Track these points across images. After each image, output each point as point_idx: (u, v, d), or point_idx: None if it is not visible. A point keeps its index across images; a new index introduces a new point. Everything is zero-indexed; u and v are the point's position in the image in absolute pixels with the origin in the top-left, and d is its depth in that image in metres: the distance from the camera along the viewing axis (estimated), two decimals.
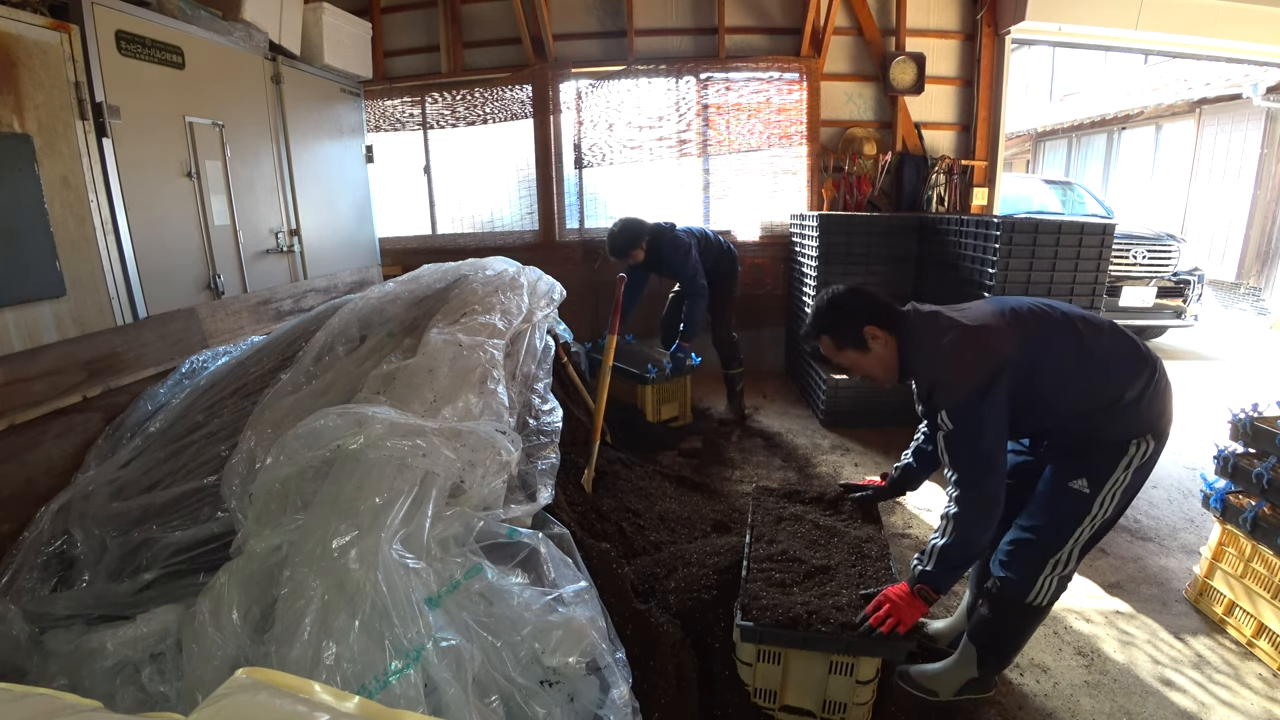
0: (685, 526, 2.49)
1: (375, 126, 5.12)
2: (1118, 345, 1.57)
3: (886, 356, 1.67)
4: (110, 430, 2.07)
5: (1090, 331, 1.57)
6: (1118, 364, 1.54)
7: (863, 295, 1.72)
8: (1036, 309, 1.61)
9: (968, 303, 1.71)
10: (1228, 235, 7.83)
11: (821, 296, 1.76)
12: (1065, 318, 1.59)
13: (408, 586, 1.22)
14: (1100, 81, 10.43)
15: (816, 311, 1.75)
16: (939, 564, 1.57)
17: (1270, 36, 4.54)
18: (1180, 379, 4.87)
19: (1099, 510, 1.55)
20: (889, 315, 1.66)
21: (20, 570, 1.66)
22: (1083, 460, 1.57)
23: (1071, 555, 1.58)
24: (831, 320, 1.72)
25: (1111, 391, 1.53)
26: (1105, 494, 1.55)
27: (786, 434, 3.72)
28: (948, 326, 1.59)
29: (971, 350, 1.54)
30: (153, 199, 2.68)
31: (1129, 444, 1.54)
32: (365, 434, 1.41)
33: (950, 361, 1.55)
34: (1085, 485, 1.55)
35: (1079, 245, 3.08)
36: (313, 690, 0.58)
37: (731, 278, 3.83)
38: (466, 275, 2.29)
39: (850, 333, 1.68)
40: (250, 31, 3.17)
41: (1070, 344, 1.55)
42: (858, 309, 1.68)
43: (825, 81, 4.82)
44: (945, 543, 1.57)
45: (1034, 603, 1.61)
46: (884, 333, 1.65)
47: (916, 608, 1.54)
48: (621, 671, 1.36)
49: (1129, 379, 1.53)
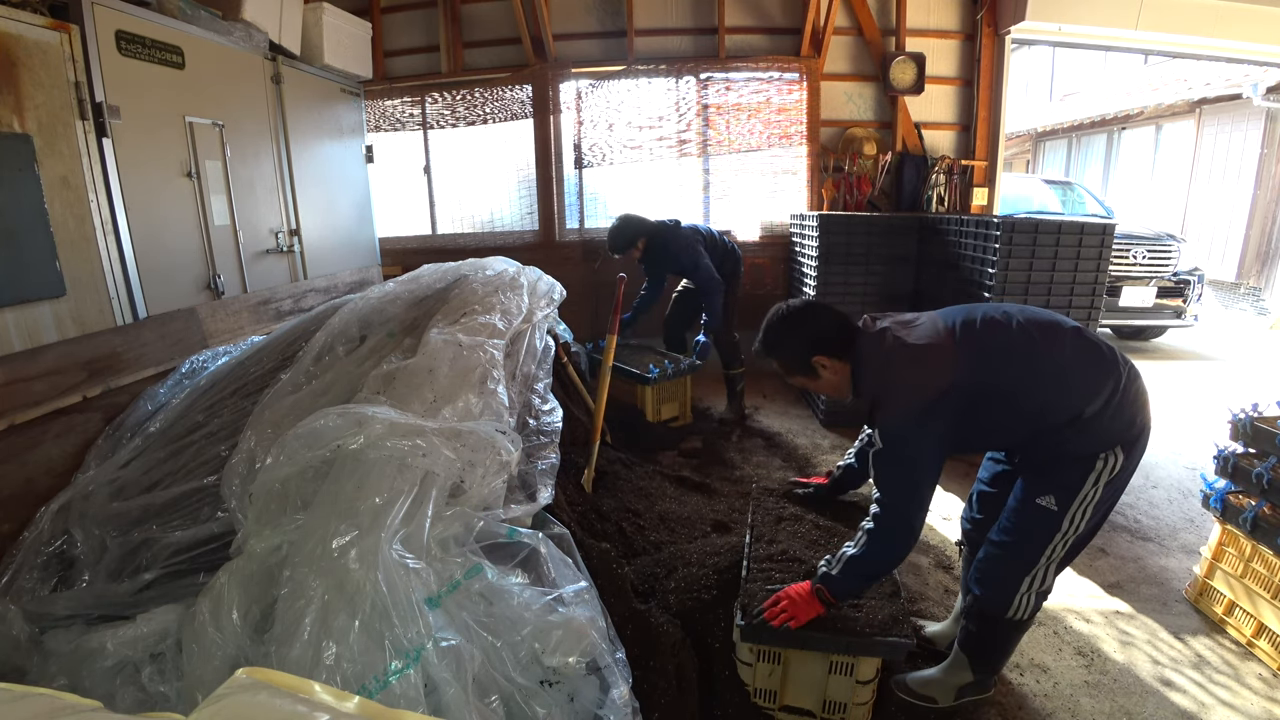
0: (685, 526, 2.49)
1: (375, 126, 5.12)
2: (1079, 356, 1.49)
3: (837, 381, 1.63)
4: (110, 430, 2.07)
5: (1048, 343, 1.50)
6: (1077, 377, 1.47)
7: (811, 320, 1.64)
8: (991, 320, 1.54)
9: (919, 314, 1.64)
10: (1228, 235, 7.83)
11: (772, 316, 1.69)
12: (1021, 329, 1.51)
13: (408, 586, 1.22)
14: (1100, 81, 10.43)
15: (765, 332, 1.68)
16: (844, 572, 1.56)
17: (1270, 36, 4.54)
18: (1180, 379, 4.91)
19: (1070, 527, 1.51)
20: (839, 342, 1.60)
21: (20, 570, 1.66)
22: (1049, 477, 1.52)
23: (1047, 572, 1.56)
24: (779, 345, 1.67)
25: (1071, 406, 1.46)
26: (1075, 510, 1.50)
27: (786, 434, 3.72)
28: (892, 347, 1.54)
29: (911, 374, 1.50)
30: (153, 199, 2.68)
31: (1095, 458, 1.48)
32: (365, 434, 1.41)
33: (890, 383, 1.53)
34: (1053, 502, 1.50)
35: (1079, 245, 3.08)
36: (313, 690, 0.58)
37: (735, 278, 3.84)
38: (466, 275, 2.29)
39: (798, 361, 1.64)
40: (250, 31, 3.17)
41: (1023, 359, 1.49)
42: (805, 338, 1.62)
43: (825, 81, 4.82)
44: (855, 554, 1.56)
45: (1014, 618, 1.60)
46: (833, 360, 1.60)
47: (814, 607, 1.55)
48: (621, 671, 1.36)
49: (1089, 393, 1.45)
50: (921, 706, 1.73)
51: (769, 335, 1.68)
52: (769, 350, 1.69)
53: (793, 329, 1.65)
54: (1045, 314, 1.58)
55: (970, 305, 1.65)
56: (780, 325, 1.66)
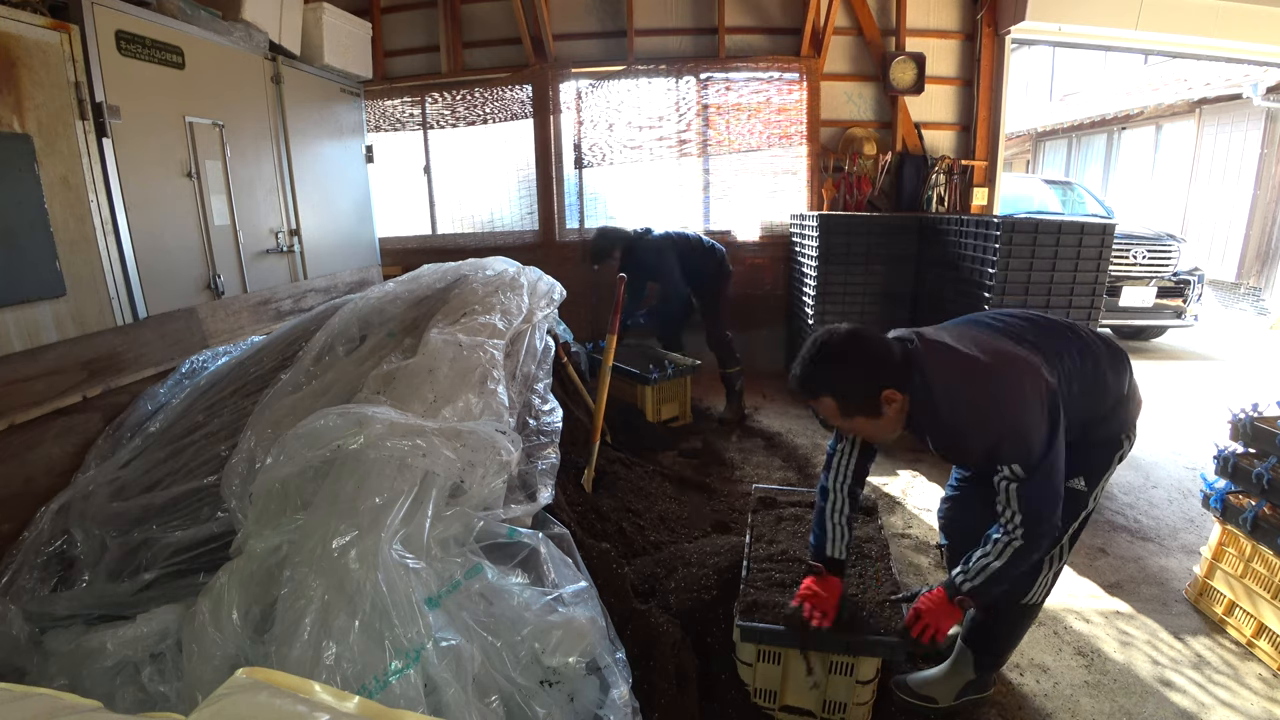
0: (685, 526, 2.49)
1: (375, 126, 5.12)
2: (1104, 343, 1.58)
3: (897, 419, 1.44)
4: (110, 430, 2.07)
5: (1079, 337, 1.56)
6: (1109, 363, 1.55)
7: (872, 346, 1.41)
8: (1033, 322, 1.55)
9: (952, 328, 1.55)
10: (1228, 235, 7.82)
11: (816, 345, 1.42)
12: (1060, 326, 1.58)
13: (408, 586, 1.22)
14: (1100, 81, 10.43)
15: (814, 365, 1.41)
16: (988, 581, 1.45)
17: (1270, 36, 4.54)
18: (1180, 379, 4.91)
19: (1093, 505, 1.60)
20: (903, 370, 1.38)
21: (20, 570, 1.66)
22: (1080, 460, 1.55)
23: (1065, 549, 1.61)
24: (837, 380, 1.41)
25: (1114, 391, 1.54)
26: (1098, 490, 1.59)
27: (786, 434, 3.72)
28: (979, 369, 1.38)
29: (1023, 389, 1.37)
30: (153, 199, 2.68)
31: (1121, 439, 1.58)
32: (365, 434, 1.41)
33: (1009, 409, 1.36)
34: (1083, 483, 1.56)
35: (1079, 245, 3.08)
36: (313, 690, 0.58)
37: (720, 277, 3.83)
38: (466, 275, 2.29)
39: (864, 398, 1.40)
40: (250, 31, 3.17)
41: (1074, 353, 1.52)
42: (871, 370, 1.39)
43: (825, 81, 4.82)
44: (999, 565, 1.44)
45: (1030, 601, 1.64)
46: (901, 394, 1.39)
47: (954, 615, 1.51)
48: (621, 671, 1.36)
49: (1120, 375, 1.55)
50: (921, 706, 1.73)
51: (820, 370, 1.42)
52: (821, 387, 1.43)
53: (854, 361, 1.40)
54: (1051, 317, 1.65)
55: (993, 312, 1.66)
56: (836, 359, 1.41)
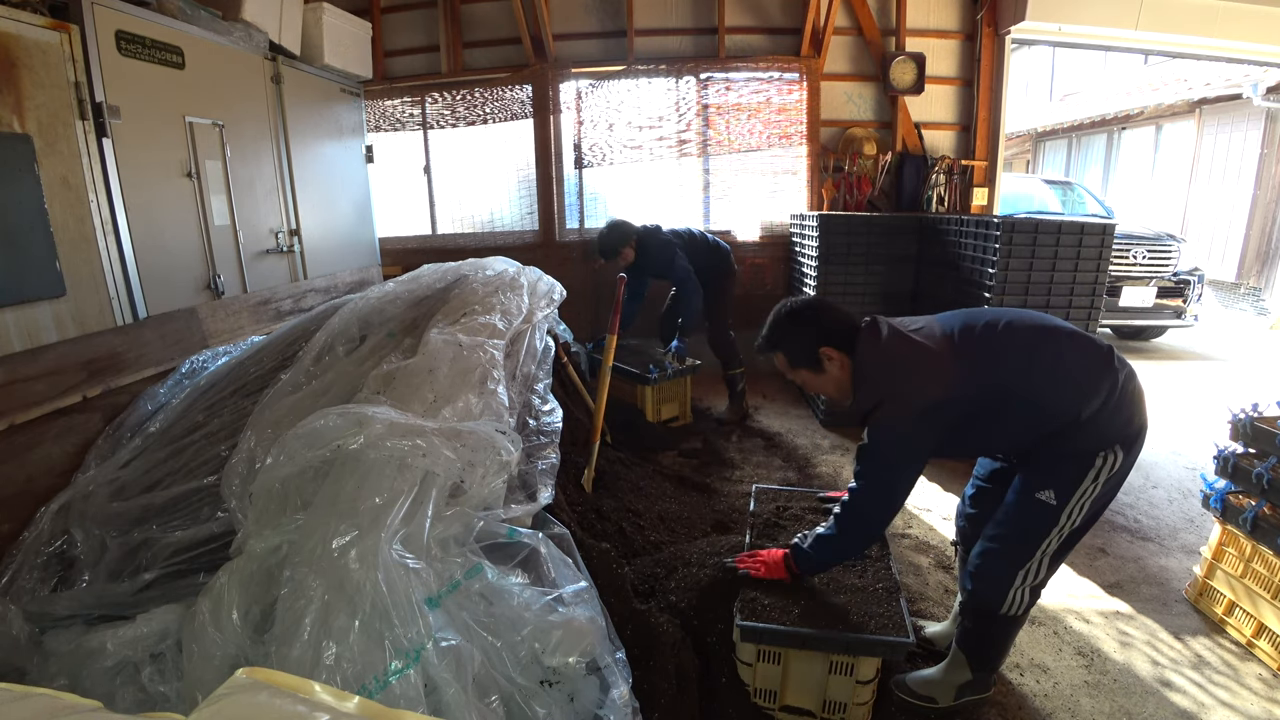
0: (685, 526, 2.49)
1: (375, 126, 5.12)
2: (1077, 358, 1.51)
3: (840, 377, 1.64)
4: (110, 430, 2.07)
5: (1046, 346, 1.52)
6: (1073, 382, 1.49)
7: (819, 311, 1.67)
8: (990, 325, 1.56)
9: (920, 319, 1.66)
10: (1228, 235, 7.82)
11: (778, 310, 1.71)
12: (1019, 333, 1.54)
13: (408, 586, 1.22)
14: (1100, 81, 10.43)
15: (771, 326, 1.70)
16: (813, 547, 1.67)
17: (1270, 36, 4.54)
18: (1180, 379, 4.91)
19: (1066, 521, 1.53)
20: (845, 334, 1.61)
21: (20, 570, 1.66)
22: (1049, 472, 1.53)
23: (1041, 565, 1.57)
24: (785, 337, 1.68)
25: (1067, 411, 1.48)
26: (1073, 505, 1.51)
27: (787, 434, 3.72)
28: (895, 350, 1.56)
29: (911, 379, 1.53)
30: (153, 199, 2.68)
31: (1095, 456, 1.49)
32: (365, 434, 1.41)
33: (890, 385, 1.55)
34: (1052, 497, 1.51)
35: (1079, 245, 3.08)
36: (313, 690, 0.58)
37: (724, 275, 3.83)
38: (466, 275, 2.29)
39: (804, 352, 1.65)
40: (250, 31, 3.17)
41: (1021, 367, 1.50)
42: (813, 327, 1.64)
43: (825, 81, 4.82)
44: (824, 533, 1.66)
45: (1008, 614, 1.61)
46: (839, 353, 1.61)
47: (778, 572, 1.70)
48: (621, 671, 1.36)
49: (1086, 395, 1.47)
50: (921, 706, 1.73)
51: (774, 328, 1.69)
52: (774, 343, 1.70)
53: (800, 320, 1.66)
54: (1042, 317, 1.61)
55: (969, 310, 1.67)
56: (787, 317, 1.68)
